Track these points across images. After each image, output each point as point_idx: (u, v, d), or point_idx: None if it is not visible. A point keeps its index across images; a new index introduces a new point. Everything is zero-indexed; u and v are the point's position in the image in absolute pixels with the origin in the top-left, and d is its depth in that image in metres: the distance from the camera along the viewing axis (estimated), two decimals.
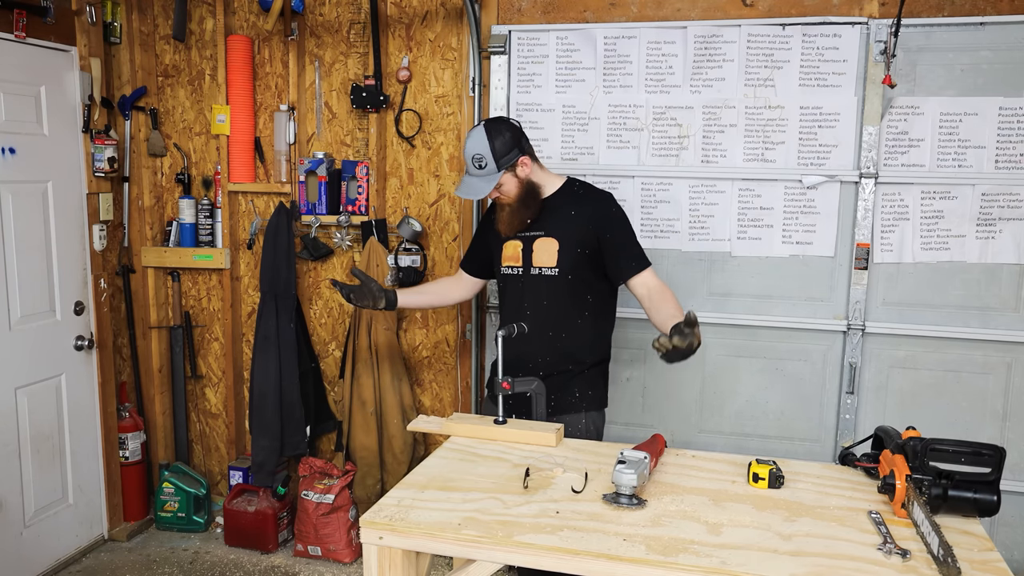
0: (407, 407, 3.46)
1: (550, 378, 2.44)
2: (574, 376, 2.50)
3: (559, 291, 2.47)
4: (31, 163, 3.14)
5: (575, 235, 2.46)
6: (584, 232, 2.46)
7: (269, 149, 3.56)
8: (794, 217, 3.04)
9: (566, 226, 2.47)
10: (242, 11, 3.52)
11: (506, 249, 2.55)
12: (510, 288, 2.56)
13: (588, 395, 2.52)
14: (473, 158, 2.41)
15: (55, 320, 3.29)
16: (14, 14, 2.98)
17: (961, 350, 2.96)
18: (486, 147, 2.40)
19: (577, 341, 2.50)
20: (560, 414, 2.46)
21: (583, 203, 2.51)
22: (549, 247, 2.48)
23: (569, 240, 2.46)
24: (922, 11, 2.87)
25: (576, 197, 2.52)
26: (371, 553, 1.68)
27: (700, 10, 3.05)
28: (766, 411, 3.15)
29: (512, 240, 2.54)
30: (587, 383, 2.53)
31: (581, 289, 2.49)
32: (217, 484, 3.86)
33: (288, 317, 3.45)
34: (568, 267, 2.46)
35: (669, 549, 1.56)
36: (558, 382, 2.47)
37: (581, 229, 2.46)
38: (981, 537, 1.64)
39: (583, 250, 2.46)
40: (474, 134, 2.43)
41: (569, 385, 2.49)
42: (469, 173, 2.46)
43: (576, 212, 2.49)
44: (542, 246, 2.49)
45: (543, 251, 2.48)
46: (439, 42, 3.34)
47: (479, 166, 2.41)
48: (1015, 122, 2.84)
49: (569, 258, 2.46)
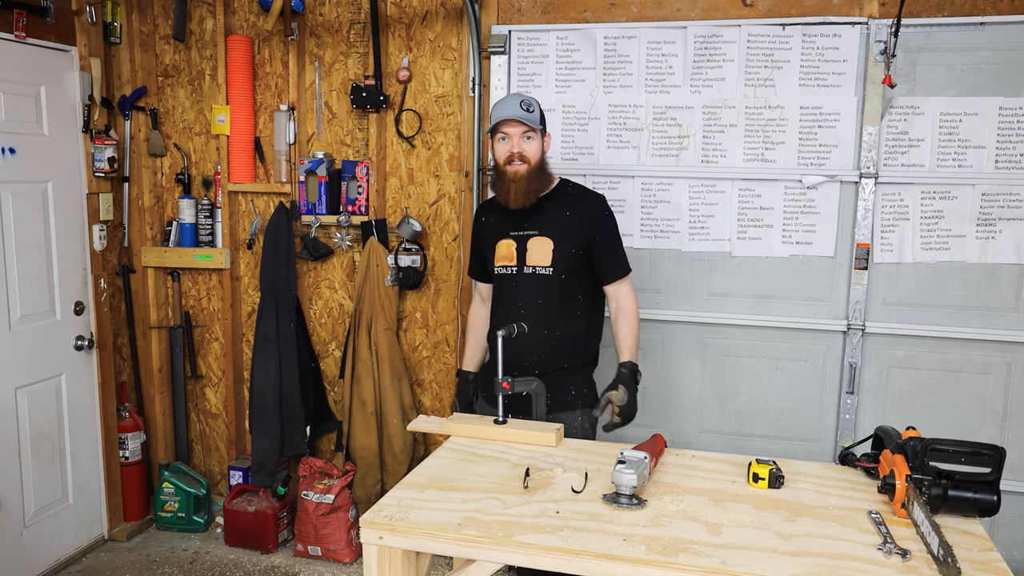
0: (407, 407, 3.46)
1: (546, 376, 2.47)
2: (569, 374, 2.51)
3: (553, 290, 2.48)
4: (31, 163, 3.14)
5: (570, 235, 2.48)
6: (579, 233, 2.48)
7: (269, 149, 3.56)
8: (794, 217, 3.04)
9: (561, 226, 2.48)
10: (242, 11, 3.52)
11: (499, 249, 2.55)
12: (504, 287, 2.56)
13: (583, 392, 2.53)
14: (522, 102, 2.42)
15: (55, 320, 3.29)
16: (14, 14, 2.98)
17: (961, 350, 2.96)
18: (536, 101, 2.47)
19: (571, 340, 2.51)
20: (556, 412, 2.47)
21: (578, 204, 2.52)
22: (544, 246, 2.48)
23: (564, 240, 2.47)
24: (922, 11, 2.87)
25: (571, 197, 2.54)
26: (371, 553, 1.68)
27: (700, 10, 3.05)
28: (766, 411, 3.15)
29: (505, 240, 2.54)
30: (582, 381, 2.54)
31: (574, 289, 2.50)
32: (217, 484, 3.86)
33: (288, 317, 3.45)
34: (563, 267, 2.47)
35: (669, 549, 1.56)
36: (554, 380, 2.48)
37: (576, 229, 2.48)
38: (981, 537, 1.64)
39: (577, 250, 2.48)
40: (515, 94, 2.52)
41: (564, 383, 2.50)
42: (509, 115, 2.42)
43: (571, 212, 2.50)
44: (537, 245, 2.49)
45: (538, 250, 2.49)
46: (439, 42, 3.34)
47: (528, 108, 2.42)
48: (1015, 122, 2.84)
49: (564, 258, 2.47)
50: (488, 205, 2.69)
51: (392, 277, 3.38)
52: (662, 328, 3.18)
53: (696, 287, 3.16)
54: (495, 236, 2.57)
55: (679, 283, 3.16)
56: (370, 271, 3.38)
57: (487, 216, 2.65)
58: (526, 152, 2.44)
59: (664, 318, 3.16)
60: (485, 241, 2.62)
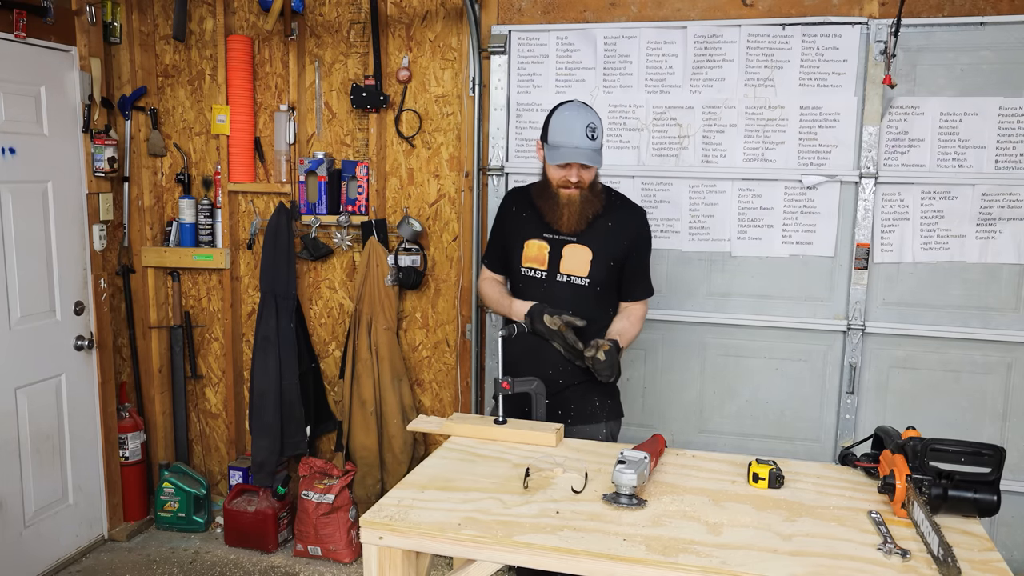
0: (407, 407, 3.46)
1: (570, 388, 2.39)
2: (594, 386, 2.41)
3: (586, 301, 2.37)
4: (31, 163, 3.14)
5: (610, 248, 2.37)
6: (619, 247, 2.39)
7: (269, 149, 3.56)
8: (794, 217, 3.04)
9: (603, 237, 2.37)
10: (242, 11, 3.52)
11: (528, 248, 2.42)
12: (529, 290, 2.43)
13: (607, 404, 2.46)
14: (588, 126, 2.25)
15: (55, 320, 3.29)
16: (14, 14, 2.98)
17: (961, 350, 2.96)
18: (597, 118, 2.29)
19: None
20: (580, 424, 2.40)
21: (621, 216, 2.41)
22: (581, 255, 2.37)
23: (604, 252, 2.37)
24: (922, 11, 2.87)
25: (614, 208, 2.42)
26: (371, 553, 1.68)
27: (700, 10, 3.05)
28: (766, 411, 3.15)
29: (537, 240, 2.41)
30: (606, 392, 2.46)
31: (606, 301, 2.42)
32: (217, 484, 3.86)
33: (288, 317, 3.45)
34: (598, 278, 2.37)
35: (669, 549, 1.56)
36: (578, 392, 2.40)
37: (617, 243, 2.38)
38: (981, 537, 1.64)
39: (615, 264, 2.39)
40: (579, 106, 2.30)
41: (589, 395, 2.42)
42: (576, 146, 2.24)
43: (614, 224, 2.39)
44: (573, 253, 2.38)
45: (574, 258, 2.38)
46: (439, 42, 3.34)
47: (592, 136, 2.25)
48: (1015, 122, 2.84)
49: (601, 269, 2.37)
50: (520, 195, 2.53)
51: (392, 277, 3.38)
52: (662, 328, 3.18)
53: (696, 287, 3.16)
54: (525, 233, 2.43)
55: (679, 283, 3.16)
56: (370, 271, 3.38)
57: (519, 207, 2.49)
58: (585, 180, 2.32)
59: (664, 318, 3.16)
60: (513, 235, 2.47)
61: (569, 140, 2.25)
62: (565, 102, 2.36)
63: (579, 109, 2.30)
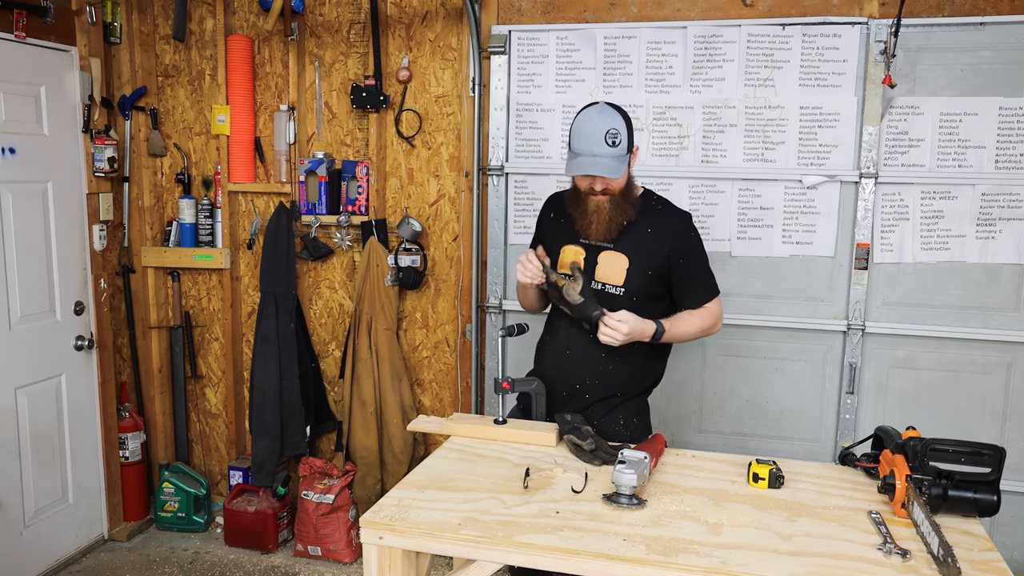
0: (407, 407, 3.46)
1: (595, 404, 2.28)
2: (621, 403, 2.30)
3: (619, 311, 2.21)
4: (31, 163, 3.14)
5: (648, 256, 2.23)
6: (659, 255, 2.23)
7: (269, 149, 3.56)
8: (794, 217, 3.04)
9: (640, 244, 2.23)
10: (242, 11, 3.52)
11: (564, 254, 2.28)
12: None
13: (633, 423, 2.31)
14: (608, 132, 2.09)
15: (55, 320, 3.29)
16: (14, 14, 2.98)
17: (961, 350, 2.96)
18: (621, 122, 2.12)
19: (629, 367, 2.28)
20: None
21: (662, 222, 2.26)
22: (617, 263, 2.23)
23: (641, 260, 2.22)
24: (922, 11, 2.87)
25: (655, 213, 2.27)
26: (371, 553, 1.68)
27: (700, 10, 3.05)
28: (766, 411, 3.15)
29: (573, 246, 2.28)
30: (633, 410, 2.33)
31: (643, 313, 2.19)
32: (217, 484, 3.86)
33: (288, 317, 3.45)
34: (635, 288, 2.23)
35: (669, 549, 1.56)
36: (602, 409, 2.28)
37: (656, 251, 2.23)
38: (981, 537, 1.64)
39: (654, 272, 2.24)
40: (601, 110, 2.13)
41: (614, 412, 2.29)
42: (593, 154, 2.11)
43: (653, 231, 2.24)
44: (609, 260, 2.24)
45: (609, 266, 2.24)
46: (439, 42, 3.34)
47: (613, 142, 2.10)
48: (1015, 122, 2.84)
49: (638, 279, 2.22)
50: (557, 201, 2.39)
51: (392, 277, 3.38)
52: None
53: None
54: (562, 238, 2.30)
55: None
56: (370, 271, 3.38)
57: (556, 213, 2.37)
58: (612, 187, 2.17)
59: None
60: (550, 241, 2.34)
61: (588, 147, 2.12)
62: (590, 104, 2.19)
63: (600, 113, 2.13)
